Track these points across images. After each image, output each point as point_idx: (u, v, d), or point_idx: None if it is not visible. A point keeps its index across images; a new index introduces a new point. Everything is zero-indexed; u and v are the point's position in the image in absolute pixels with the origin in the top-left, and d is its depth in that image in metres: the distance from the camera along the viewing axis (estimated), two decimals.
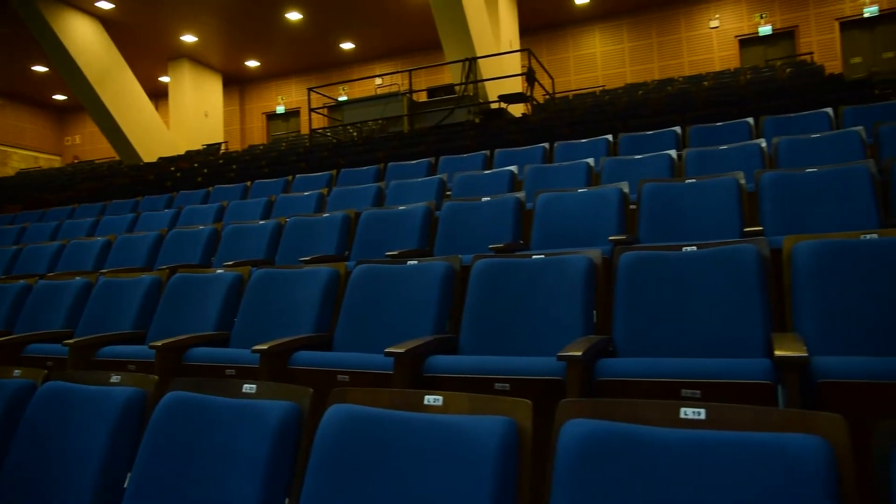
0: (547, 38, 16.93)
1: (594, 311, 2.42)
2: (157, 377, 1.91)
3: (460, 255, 2.86)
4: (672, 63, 15.81)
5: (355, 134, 11.97)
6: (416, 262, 2.85)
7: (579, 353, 1.89)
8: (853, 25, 14.74)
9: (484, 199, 3.76)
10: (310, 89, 11.61)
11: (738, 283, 2.19)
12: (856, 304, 2.08)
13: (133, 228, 6.10)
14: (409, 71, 10.94)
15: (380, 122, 11.24)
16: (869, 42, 14.66)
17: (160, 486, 1.62)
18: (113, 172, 12.15)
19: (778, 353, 1.76)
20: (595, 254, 2.52)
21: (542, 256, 2.56)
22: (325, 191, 5.40)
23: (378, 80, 17.77)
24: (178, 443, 1.66)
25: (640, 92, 10.23)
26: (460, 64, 10.48)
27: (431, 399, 1.54)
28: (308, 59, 18.66)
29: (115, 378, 1.97)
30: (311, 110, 11.22)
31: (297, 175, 6.67)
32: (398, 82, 15.69)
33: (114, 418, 1.81)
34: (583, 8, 16.04)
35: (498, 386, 2.14)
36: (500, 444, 1.35)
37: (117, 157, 15.84)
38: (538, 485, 1.42)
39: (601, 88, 14.18)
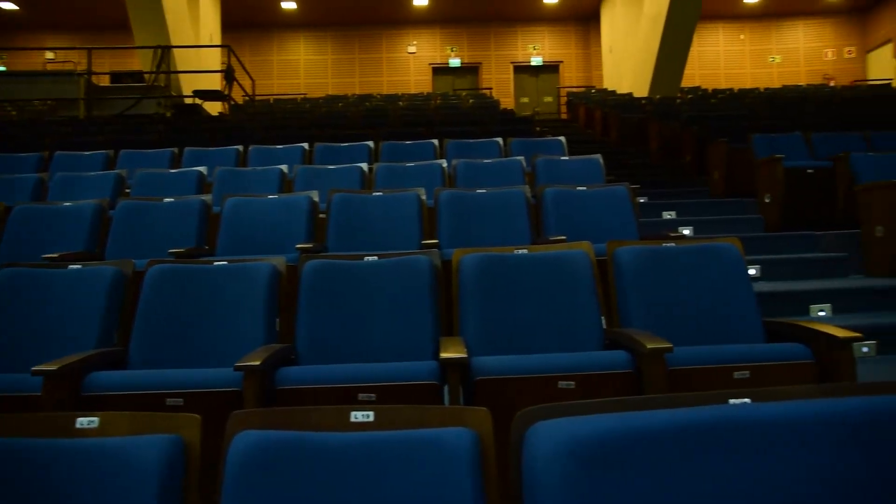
0: (251, 38, 16.50)
1: (277, 320, 2.40)
2: None
3: (134, 260, 2.61)
4: (372, 80, 16.60)
5: (14, 113, 10.23)
6: (79, 266, 2.53)
7: (257, 363, 1.86)
8: (524, 70, 17.13)
9: (167, 199, 3.49)
10: None
11: (413, 291, 2.36)
12: (508, 308, 2.39)
13: None
14: (90, 49, 9.68)
15: (49, 102, 9.76)
16: (534, 86, 17.15)
17: None
18: None
19: (442, 355, 1.93)
20: (280, 261, 2.51)
21: (225, 263, 2.47)
22: None
23: (49, 55, 15.46)
24: None
25: (341, 104, 10.52)
26: (151, 51, 9.63)
27: (85, 421, 1.37)
28: None
29: None
30: None
31: None
32: (75, 60, 13.80)
33: None
34: (290, 13, 15.99)
35: (170, 401, 1.99)
36: (163, 464, 1.25)
37: None
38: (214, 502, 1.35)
39: (303, 96, 14.25)
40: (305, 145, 5.44)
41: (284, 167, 4.47)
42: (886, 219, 4.23)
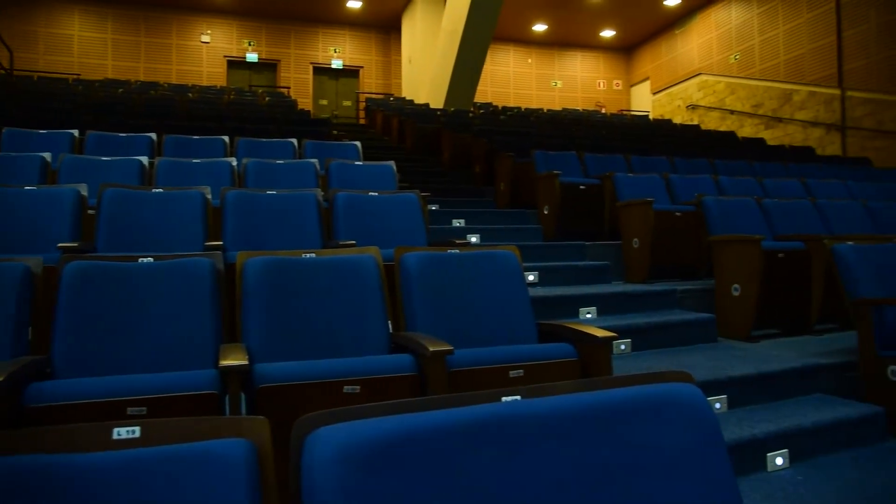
0: (13, 4, 14.42)
1: (29, 329, 2.11)
2: None
3: None
4: (160, 67, 15.38)
5: None
6: None
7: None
8: (323, 72, 16.96)
9: None
10: None
11: (192, 296, 2.22)
12: (295, 313, 2.33)
13: None
14: None
15: None
16: (334, 89, 17.06)
17: None
18: None
19: (222, 363, 1.84)
20: (35, 262, 2.21)
21: None
22: None
23: None
24: None
25: (121, 90, 9.61)
26: None
27: None
28: None
29: None
30: None
31: None
32: None
33: None
34: None
35: None
36: None
37: None
38: None
39: (76, 77, 12.80)
40: (75, 132, 4.88)
41: (48, 155, 3.97)
42: (641, 232, 4.82)
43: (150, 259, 2.28)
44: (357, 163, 4.48)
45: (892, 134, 10.13)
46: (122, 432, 1.25)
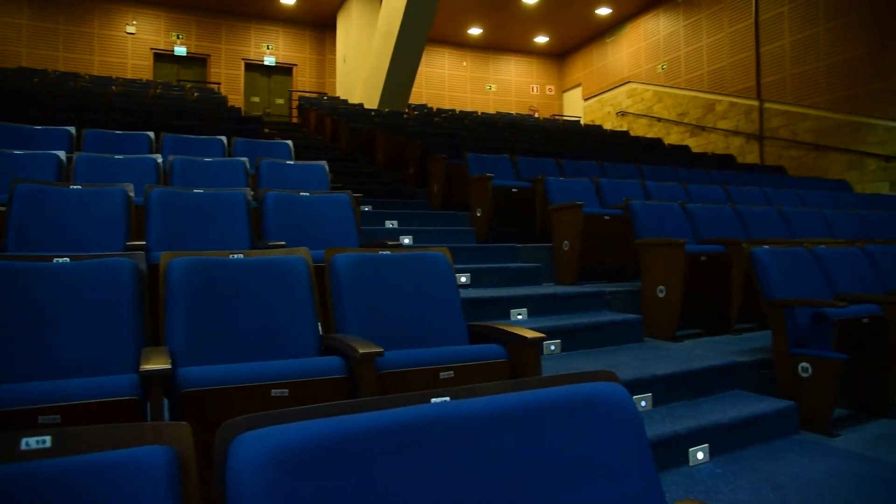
0: None
1: None
2: None
3: None
4: (81, 58, 14.69)
5: None
6: None
7: None
8: (256, 68, 16.60)
9: None
10: None
11: (112, 298, 2.12)
12: (222, 316, 2.27)
13: None
14: None
15: None
16: (266, 86, 16.72)
17: None
18: None
19: (143, 367, 1.76)
20: None
21: None
22: None
23: None
24: None
25: (37, 80, 9.13)
26: None
27: None
28: None
29: None
30: None
31: None
32: None
33: None
34: None
35: None
36: None
37: None
38: None
39: None
40: None
41: None
42: (571, 235, 4.92)
43: (67, 259, 2.17)
44: (288, 162, 4.40)
45: (805, 144, 10.70)
46: (30, 442, 1.19)
